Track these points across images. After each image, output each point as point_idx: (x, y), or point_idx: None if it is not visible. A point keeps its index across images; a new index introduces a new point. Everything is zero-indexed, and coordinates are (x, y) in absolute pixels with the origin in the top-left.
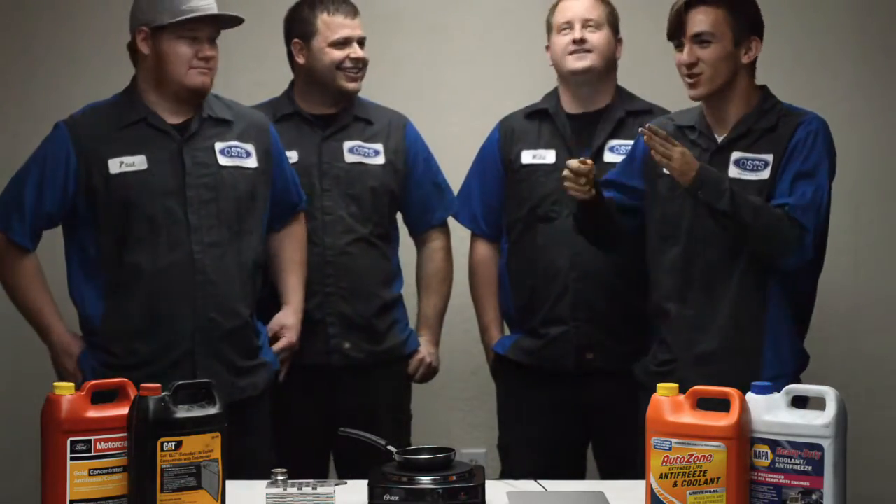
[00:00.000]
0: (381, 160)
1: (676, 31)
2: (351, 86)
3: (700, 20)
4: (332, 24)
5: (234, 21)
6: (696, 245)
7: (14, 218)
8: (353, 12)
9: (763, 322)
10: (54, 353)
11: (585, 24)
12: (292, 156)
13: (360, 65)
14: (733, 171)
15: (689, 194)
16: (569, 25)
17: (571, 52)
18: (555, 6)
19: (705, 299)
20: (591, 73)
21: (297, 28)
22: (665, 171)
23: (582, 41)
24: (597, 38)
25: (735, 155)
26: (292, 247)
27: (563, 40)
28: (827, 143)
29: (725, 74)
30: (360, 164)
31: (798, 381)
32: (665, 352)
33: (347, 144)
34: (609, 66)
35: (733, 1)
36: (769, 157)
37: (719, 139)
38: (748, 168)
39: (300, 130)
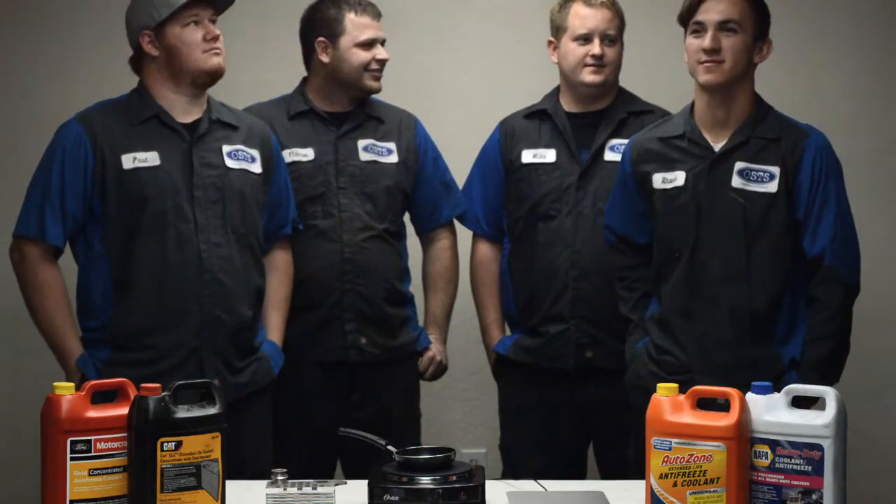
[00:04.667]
0: (394, 159)
1: (692, 15)
2: (376, 85)
3: (727, 8)
4: (359, 25)
5: (226, 2)
6: (702, 256)
7: (49, 220)
8: (378, 14)
9: (775, 329)
10: (71, 377)
11: (604, 38)
12: (308, 153)
13: (383, 66)
14: (737, 182)
15: None
16: (587, 38)
17: (587, 65)
18: (567, 8)
19: (713, 311)
20: (605, 86)
21: (323, 27)
22: (656, 185)
23: (601, 56)
24: (613, 52)
25: (739, 165)
26: (278, 281)
27: (578, 51)
28: (835, 164)
29: (742, 67)
30: (375, 162)
31: None
32: (675, 363)
33: (362, 143)
34: (617, 75)
35: None
36: (775, 170)
37: (715, 147)
38: (753, 179)
39: (315, 128)
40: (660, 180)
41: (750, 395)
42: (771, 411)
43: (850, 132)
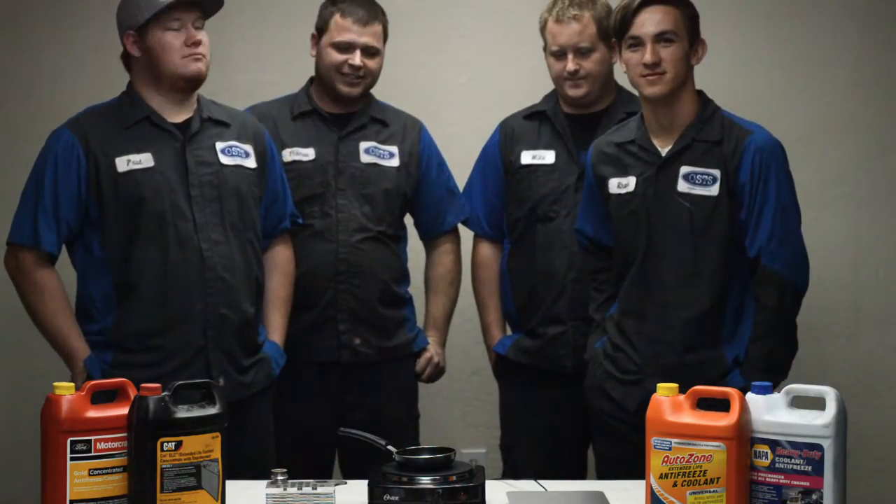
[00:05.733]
0: (395, 162)
1: (626, 29)
2: (345, 90)
3: (661, 19)
4: (340, 26)
5: (215, 5)
6: (653, 260)
7: (42, 227)
8: (366, 20)
9: (721, 330)
10: (77, 378)
11: (577, 51)
12: (309, 153)
13: (361, 73)
14: (683, 186)
15: None
16: (561, 53)
17: (566, 79)
18: (545, 22)
19: (664, 314)
20: (588, 97)
21: (318, 20)
22: (612, 190)
23: (575, 72)
24: (590, 64)
25: (684, 169)
26: (278, 280)
27: (556, 66)
28: (778, 163)
29: (683, 75)
30: (376, 165)
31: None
32: (628, 362)
33: (363, 145)
34: (605, 80)
35: (685, 2)
36: (717, 172)
37: (662, 152)
38: (697, 182)
39: (317, 128)
40: (615, 185)
41: (750, 395)
42: (771, 411)
43: (850, 132)
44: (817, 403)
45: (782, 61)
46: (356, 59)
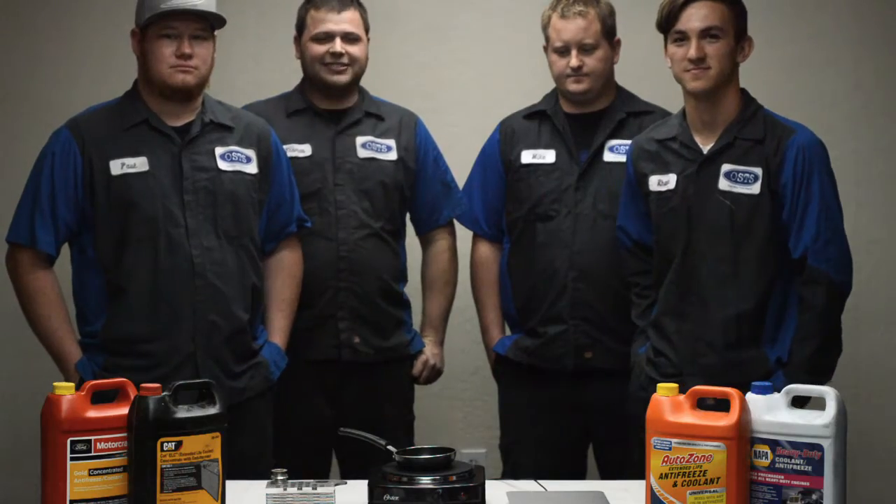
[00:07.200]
0: (393, 156)
1: (673, 23)
2: (333, 78)
3: (707, 15)
4: (317, 19)
5: (217, 19)
6: (693, 258)
7: (39, 227)
8: (340, 8)
9: (763, 330)
10: (70, 381)
11: (581, 48)
12: (305, 149)
13: (345, 59)
14: (724, 184)
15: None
16: (565, 49)
17: (569, 76)
18: (548, 19)
19: (704, 313)
20: (589, 93)
21: (296, 22)
22: (652, 187)
23: (578, 68)
24: (593, 61)
25: (725, 167)
26: (283, 282)
27: (559, 62)
28: (821, 163)
29: (728, 71)
30: (373, 159)
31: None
32: (668, 365)
33: (360, 140)
34: (606, 77)
35: None
36: (758, 171)
37: (704, 149)
38: (739, 181)
39: (313, 125)
40: (655, 182)
41: (750, 395)
42: (771, 411)
43: (850, 132)
44: (817, 403)
45: (782, 61)
46: (336, 46)
